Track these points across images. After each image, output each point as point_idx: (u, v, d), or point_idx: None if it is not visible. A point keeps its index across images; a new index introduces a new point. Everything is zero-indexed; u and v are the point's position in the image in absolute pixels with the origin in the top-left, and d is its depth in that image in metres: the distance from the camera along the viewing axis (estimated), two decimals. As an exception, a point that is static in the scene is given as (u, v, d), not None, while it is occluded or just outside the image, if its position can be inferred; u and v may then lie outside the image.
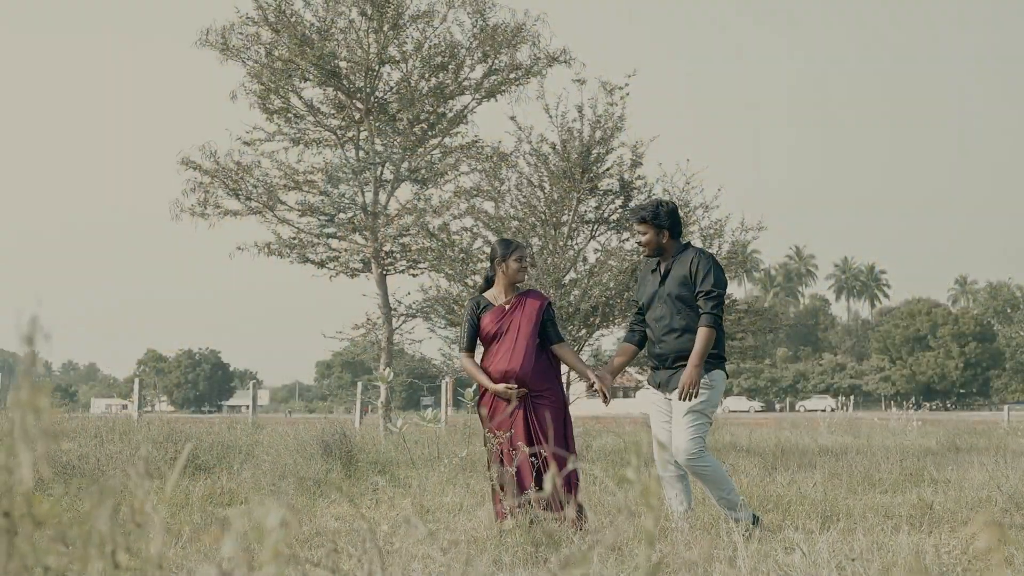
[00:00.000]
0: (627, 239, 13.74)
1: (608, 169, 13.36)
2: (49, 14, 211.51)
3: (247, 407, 62.96)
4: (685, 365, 5.90)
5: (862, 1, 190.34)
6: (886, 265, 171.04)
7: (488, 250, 13.94)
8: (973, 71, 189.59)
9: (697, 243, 12.65)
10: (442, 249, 14.17)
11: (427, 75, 16.66)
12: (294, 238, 17.00)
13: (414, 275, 17.19)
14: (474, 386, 11.00)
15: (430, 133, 16.86)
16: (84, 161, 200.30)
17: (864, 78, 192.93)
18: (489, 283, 6.42)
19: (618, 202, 13.57)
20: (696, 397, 5.82)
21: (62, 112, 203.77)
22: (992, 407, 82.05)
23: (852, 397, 32.19)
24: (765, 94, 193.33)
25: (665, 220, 6.07)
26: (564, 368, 8.37)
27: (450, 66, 16.57)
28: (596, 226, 13.65)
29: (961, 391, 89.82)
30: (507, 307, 6.27)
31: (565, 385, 10.84)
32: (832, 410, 58.65)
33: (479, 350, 6.45)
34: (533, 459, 5.97)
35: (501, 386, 6.11)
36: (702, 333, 5.82)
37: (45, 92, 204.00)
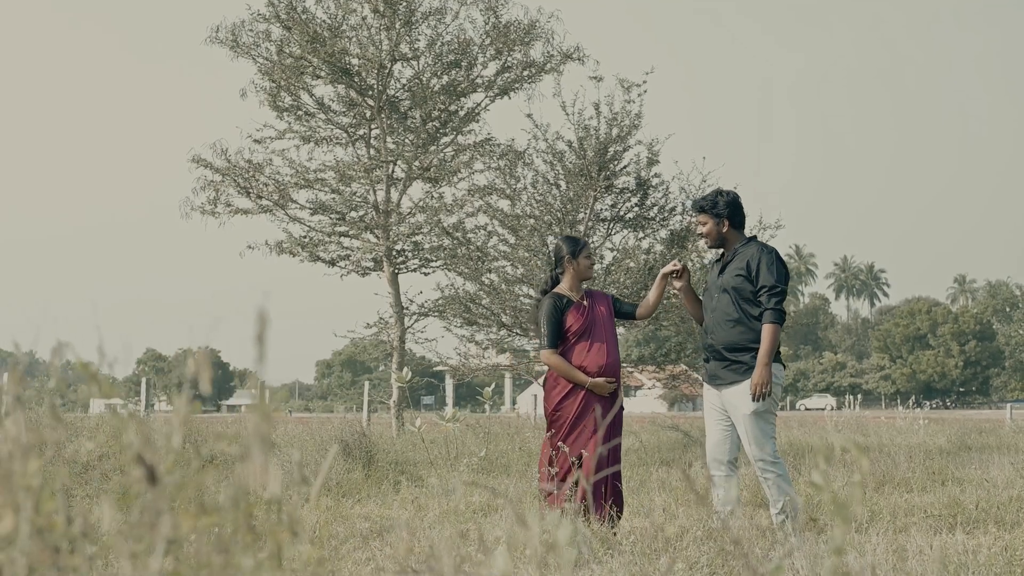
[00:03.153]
0: (643, 237, 13.69)
1: (625, 167, 13.30)
2: (50, 11, 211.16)
3: (246, 406, 62.67)
4: (735, 360, 5.82)
5: (866, 2, 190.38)
6: (885, 264, 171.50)
7: (501, 248, 13.91)
8: (973, 72, 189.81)
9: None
10: (456, 247, 14.11)
11: (439, 72, 16.61)
12: (305, 236, 16.95)
13: (426, 274, 17.15)
14: (492, 385, 10.92)
15: (442, 131, 16.81)
16: (79, 161, 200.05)
17: (863, 77, 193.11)
18: (555, 282, 6.31)
19: (634, 200, 13.51)
20: (768, 397, 5.74)
21: (58, 111, 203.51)
22: (992, 405, 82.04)
23: (859, 396, 32.17)
24: (763, 93, 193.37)
25: (724, 210, 5.97)
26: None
27: (462, 63, 16.52)
28: (612, 224, 13.59)
29: (961, 389, 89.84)
30: (585, 303, 6.19)
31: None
32: (833, 408, 58.66)
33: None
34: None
35: (601, 380, 6.00)
36: (767, 330, 5.71)
37: (41, 91, 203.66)
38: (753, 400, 5.70)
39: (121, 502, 1.09)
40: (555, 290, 6.26)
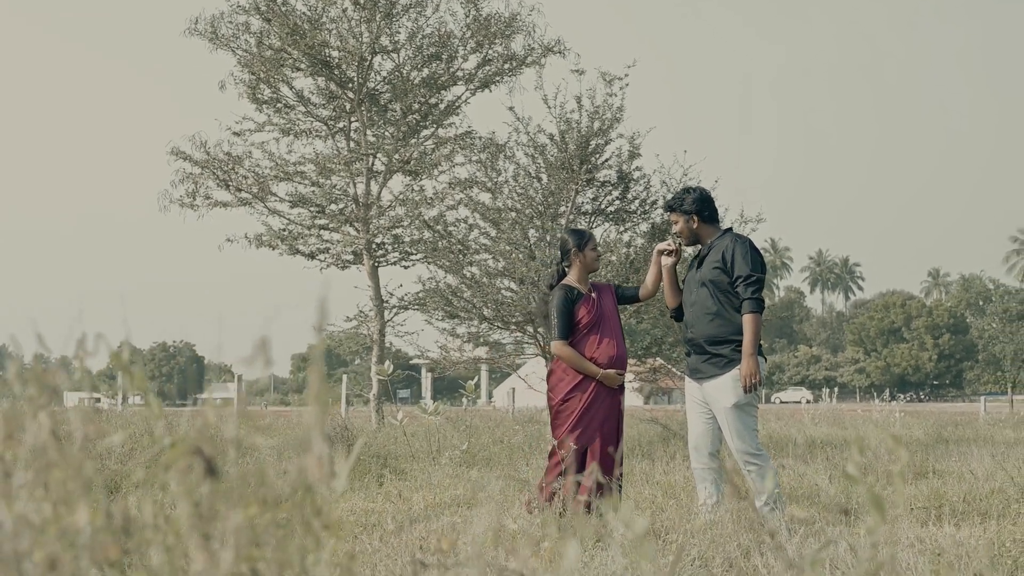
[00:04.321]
0: (624, 231, 13.70)
1: (606, 160, 13.29)
2: (44, 7, 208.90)
3: (221, 400, 62.45)
4: (716, 353, 5.84)
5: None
6: (860, 258, 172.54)
7: (482, 241, 13.87)
8: (954, 67, 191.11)
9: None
10: (436, 240, 14.06)
11: (419, 65, 16.57)
12: (284, 229, 16.89)
13: (406, 267, 17.13)
14: (475, 379, 10.95)
15: (422, 124, 16.78)
16: (57, 156, 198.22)
17: (843, 71, 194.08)
18: (562, 275, 6.33)
19: (615, 193, 13.51)
20: (758, 387, 5.75)
21: (35, 107, 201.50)
22: (965, 398, 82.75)
23: (836, 389, 32.40)
24: (744, 87, 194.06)
25: (691, 206, 6.00)
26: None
27: (443, 56, 16.48)
28: (594, 218, 13.59)
29: (935, 382, 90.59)
30: (593, 295, 6.22)
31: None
32: (808, 402, 58.98)
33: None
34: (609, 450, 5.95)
35: (612, 371, 6.04)
36: (749, 320, 5.71)
37: (39, 90, 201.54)
38: (745, 392, 5.72)
39: (187, 496, 1.07)
40: (563, 282, 6.28)
